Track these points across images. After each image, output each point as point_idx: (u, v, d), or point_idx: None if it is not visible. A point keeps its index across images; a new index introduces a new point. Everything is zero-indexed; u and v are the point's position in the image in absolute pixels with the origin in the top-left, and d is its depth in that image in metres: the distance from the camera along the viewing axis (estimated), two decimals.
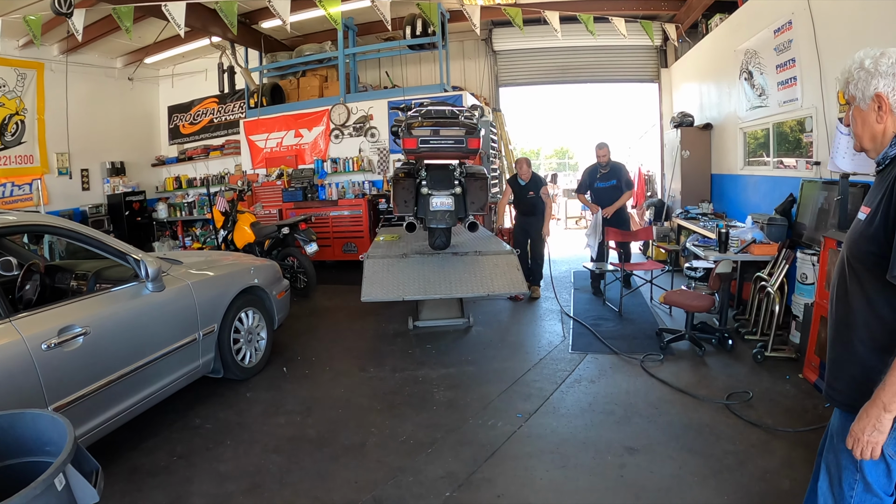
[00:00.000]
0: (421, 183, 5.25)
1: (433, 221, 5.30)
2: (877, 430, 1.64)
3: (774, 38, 6.28)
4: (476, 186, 5.29)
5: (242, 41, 10.62)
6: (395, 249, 5.84)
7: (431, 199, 5.21)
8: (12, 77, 9.27)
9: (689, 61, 10.08)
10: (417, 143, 4.99)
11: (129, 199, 11.15)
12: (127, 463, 3.56)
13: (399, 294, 5.09)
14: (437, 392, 4.54)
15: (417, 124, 5.03)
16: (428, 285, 5.16)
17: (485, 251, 5.63)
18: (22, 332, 2.89)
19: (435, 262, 5.49)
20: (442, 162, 5.26)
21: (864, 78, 1.75)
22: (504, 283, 5.21)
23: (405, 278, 5.23)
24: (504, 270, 5.33)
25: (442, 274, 5.29)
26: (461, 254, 5.60)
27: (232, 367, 4.64)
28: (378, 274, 5.29)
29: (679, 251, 7.94)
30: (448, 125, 5.03)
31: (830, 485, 1.92)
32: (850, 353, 1.82)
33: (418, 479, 3.31)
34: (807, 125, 5.83)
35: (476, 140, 5.02)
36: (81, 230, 3.62)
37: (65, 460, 1.75)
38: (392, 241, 6.44)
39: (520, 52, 11.91)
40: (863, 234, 1.76)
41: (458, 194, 5.28)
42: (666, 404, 4.16)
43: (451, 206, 5.24)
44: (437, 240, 5.62)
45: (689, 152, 8.77)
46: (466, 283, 5.18)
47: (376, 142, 10.22)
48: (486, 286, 5.15)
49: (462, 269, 5.37)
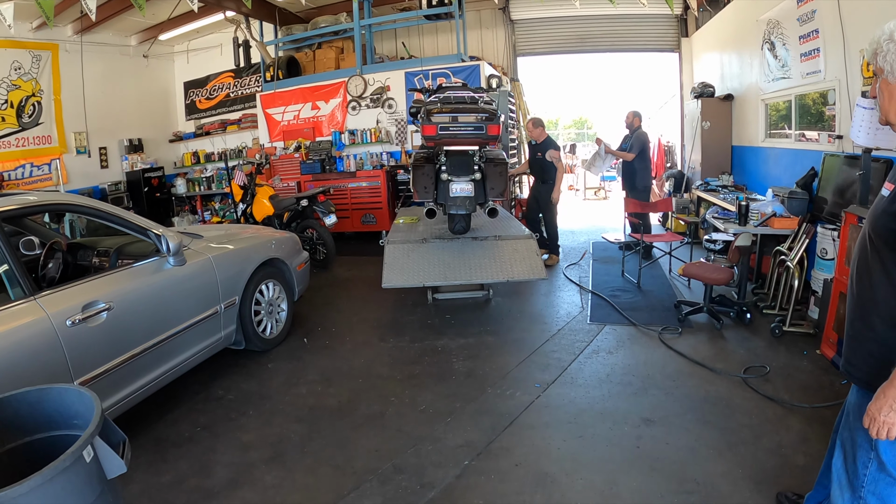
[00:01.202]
0: (441, 168, 5.24)
1: (453, 207, 5.30)
2: (894, 411, 1.62)
3: (798, 7, 6.09)
4: (496, 172, 5.27)
5: (257, 15, 10.55)
6: (415, 234, 5.85)
7: (451, 184, 5.20)
8: (27, 59, 9.31)
9: (710, 31, 9.84)
10: (437, 130, 4.96)
11: (148, 175, 11.25)
12: (152, 434, 3.66)
13: (420, 280, 5.14)
14: (457, 362, 4.59)
15: (437, 111, 4.99)
16: (448, 271, 5.18)
17: (504, 235, 5.62)
18: (47, 309, 2.95)
19: (455, 247, 5.50)
20: (461, 147, 5.22)
21: (893, 50, 1.67)
22: (524, 269, 5.21)
23: (425, 264, 5.26)
24: (524, 255, 5.33)
25: (462, 259, 5.30)
26: (481, 238, 5.59)
27: (253, 338, 4.71)
28: (398, 260, 5.31)
29: (698, 223, 7.86)
30: (467, 111, 4.99)
31: (845, 461, 1.92)
32: (869, 329, 1.80)
33: (437, 447, 3.37)
34: (829, 98, 5.69)
35: (496, 126, 4.97)
36: (102, 207, 3.67)
37: (93, 432, 1.80)
38: (412, 223, 6.44)
39: (538, 21, 11.71)
40: (885, 211, 1.73)
41: (478, 180, 5.26)
42: (683, 377, 4.16)
43: (471, 192, 5.24)
44: (457, 225, 5.62)
45: (710, 123, 8.62)
46: (486, 269, 5.20)
47: (394, 113, 10.16)
48: (505, 272, 5.17)
49: (482, 254, 5.38)
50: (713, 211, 6.43)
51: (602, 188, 15.48)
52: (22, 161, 9.32)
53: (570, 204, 14.23)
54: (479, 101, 5.14)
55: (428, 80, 9.74)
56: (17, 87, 9.15)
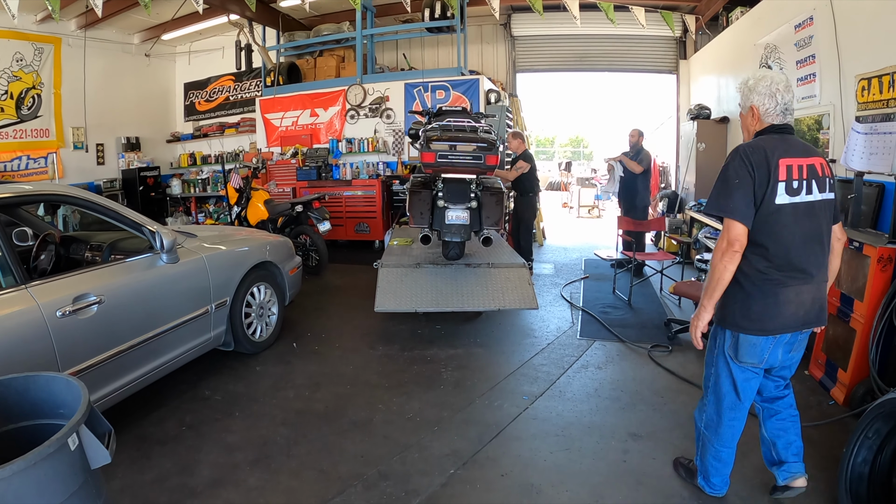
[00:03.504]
0: (437, 195, 5.25)
1: (448, 235, 5.31)
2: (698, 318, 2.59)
3: (795, 33, 6.19)
4: (492, 201, 5.28)
5: (260, 19, 10.62)
6: (409, 258, 5.83)
7: (447, 212, 5.21)
8: (30, 51, 9.33)
9: (709, 54, 9.96)
10: (436, 158, 4.97)
11: (144, 174, 11.27)
12: (136, 431, 3.63)
13: (412, 306, 5.12)
14: (445, 372, 4.58)
15: (436, 138, 5.01)
16: (440, 297, 5.17)
17: (497, 263, 5.61)
18: (37, 298, 2.94)
19: (448, 273, 5.50)
20: (459, 176, 5.24)
21: (744, 94, 2.64)
22: (515, 299, 5.20)
23: (418, 290, 5.24)
24: (516, 284, 5.33)
25: (454, 286, 5.30)
26: (474, 265, 5.59)
27: (243, 340, 4.69)
28: (392, 284, 5.29)
29: (691, 243, 7.91)
30: (466, 140, 5.00)
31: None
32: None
33: (424, 455, 3.35)
34: (824, 122, 5.77)
35: (494, 156, 4.98)
36: (97, 200, 3.65)
37: (79, 420, 1.79)
38: (406, 245, 6.44)
39: (538, 39, 11.83)
40: None
41: (474, 208, 5.27)
42: (671, 393, 4.17)
43: (467, 220, 5.24)
44: (452, 251, 5.62)
45: (705, 145, 8.70)
46: (478, 297, 5.19)
47: (392, 123, 10.21)
48: (497, 300, 5.16)
49: (474, 281, 5.38)
50: (706, 231, 6.49)
51: (596, 206, 15.54)
52: (19, 153, 9.32)
53: (564, 221, 14.30)
54: (478, 131, 5.17)
55: (427, 91, 9.81)
56: (17, 78, 9.16)
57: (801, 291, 2.48)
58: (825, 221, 2.52)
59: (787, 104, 2.54)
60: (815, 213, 2.47)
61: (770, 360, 2.60)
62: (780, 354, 2.61)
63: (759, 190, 2.40)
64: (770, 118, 2.56)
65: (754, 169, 2.40)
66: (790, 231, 2.43)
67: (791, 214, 2.42)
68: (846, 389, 3.87)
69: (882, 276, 3.74)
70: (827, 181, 2.50)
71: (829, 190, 2.51)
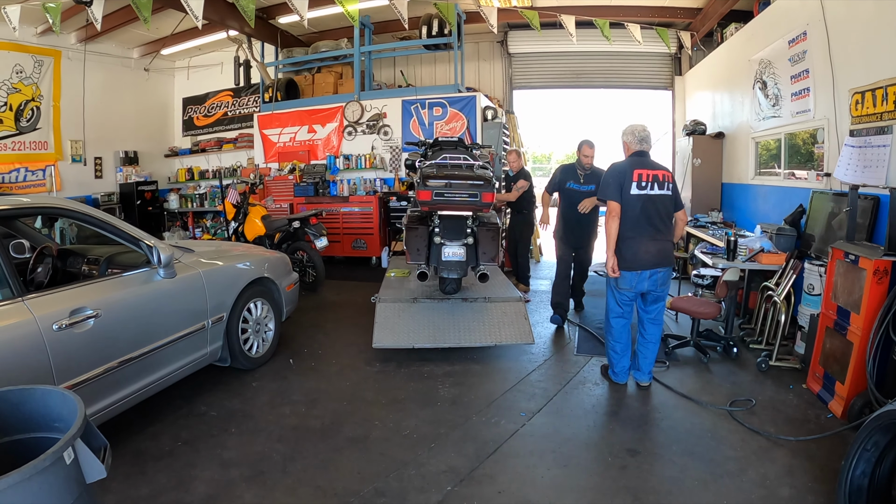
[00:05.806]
0: (434, 231, 5.27)
1: (444, 271, 5.32)
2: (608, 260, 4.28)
3: (789, 48, 6.26)
4: (488, 237, 5.28)
5: (259, 35, 10.70)
6: (406, 291, 5.83)
7: (444, 248, 5.20)
8: (29, 63, 9.37)
9: (704, 70, 10.05)
10: (432, 196, 4.98)
11: (142, 188, 11.26)
12: (132, 446, 3.60)
13: (409, 342, 5.12)
14: (442, 388, 4.57)
15: (433, 175, 5.02)
16: (437, 333, 5.17)
17: (493, 297, 5.61)
18: (34, 311, 2.93)
19: (445, 308, 5.49)
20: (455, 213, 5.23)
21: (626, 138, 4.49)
22: (512, 333, 5.21)
23: (415, 325, 5.24)
24: (513, 319, 5.33)
25: (451, 321, 5.30)
26: (470, 300, 5.58)
27: (239, 356, 4.68)
28: (389, 319, 5.29)
29: (687, 259, 7.92)
30: (463, 178, 5.01)
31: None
32: None
33: (420, 472, 3.33)
34: (818, 136, 5.81)
35: (490, 194, 4.99)
36: (95, 214, 3.66)
37: (75, 434, 1.78)
38: (403, 276, 6.44)
39: (535, 56, 11.91)
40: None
41: (470, 244, 5.27)
42: (669, 409, 4.17)
43: (463, 256, 5.23)
44: (448, 286, 5.62)
45: (701, 160, 8.75)
46: (475, 332, 5.20)
47: (389, 140, 10.26)
48: (494, 335, 5.17)
49: (471, 316, 5.37)
50: (702, 246, 6.49)
51: None
52: (17, 165, 9.33)
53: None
54: (474, 168, 5.20)
55: (424, 108, 9.87)
56: (17, 90, 9.20)
57: (649, 245, 4.22)
58: (662, 206, 4.28)
59: (644, 138, 4.43)
60: (654, 201, 4.24)
61: (638, 287, 4.31)
62: (646, 284, 4.29)
63: (624, 186, 4.23)
64: (634, 147, 4.42)
65: (619, 175, 4.27)
66: (639, 209, 4.21)
67: (639, 200, 4.22)
68: (844, 402, 3.88)
69: (878, 289, 3.75)
70: (666, 184, 4.29)
71: (667, 189, 4.29)
